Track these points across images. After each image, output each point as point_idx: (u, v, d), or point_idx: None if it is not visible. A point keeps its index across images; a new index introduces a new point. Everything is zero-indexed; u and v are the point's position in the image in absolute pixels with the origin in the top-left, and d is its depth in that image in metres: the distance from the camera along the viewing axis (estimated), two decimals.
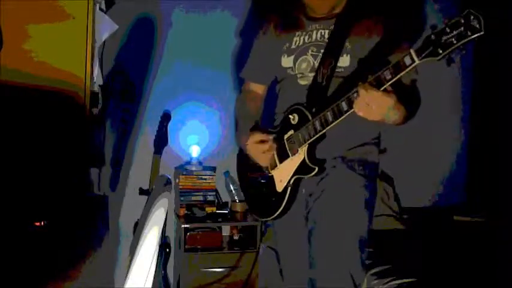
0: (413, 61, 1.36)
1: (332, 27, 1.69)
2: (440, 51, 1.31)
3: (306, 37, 1.73)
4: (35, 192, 1.91)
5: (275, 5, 1.87)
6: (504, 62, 3.13)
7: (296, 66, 1.73)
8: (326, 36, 1.69)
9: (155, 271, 0.95)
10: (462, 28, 1.27)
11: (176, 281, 2.93)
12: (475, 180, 3.45)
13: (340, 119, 1.54)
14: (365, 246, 1.64)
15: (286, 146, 1.71)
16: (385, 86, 1.42)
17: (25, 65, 1.98)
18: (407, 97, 1.53)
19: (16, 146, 1.95)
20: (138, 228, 0.99)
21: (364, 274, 2.31)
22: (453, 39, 1.28)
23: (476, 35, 1.25)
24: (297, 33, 1.75)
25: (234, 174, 3.06)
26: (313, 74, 1.69)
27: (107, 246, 2.47)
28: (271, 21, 1.84)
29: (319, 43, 1.70)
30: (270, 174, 1.79)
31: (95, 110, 2.26)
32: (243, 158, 1.87)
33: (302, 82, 1.72)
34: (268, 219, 1.84)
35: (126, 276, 0.88)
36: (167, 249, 2.82)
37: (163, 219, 1.00)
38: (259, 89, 1.95)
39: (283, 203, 1.72)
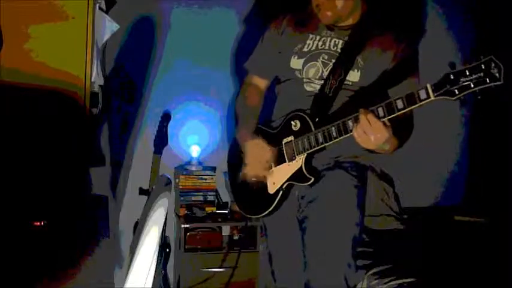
0: (428, 96, 1.36)
1: (347, 38, 1.68)
2: (457, 92, 1.31)
3: (320, 43, 1.71)
4: (34, 192, 1.91)
5: (292, 2, 1.84)
6: (504, 61, 3.13)
7: (304, 70, 1.71)
8: (339, 46, 1.68)
9: (155, 271, 0.95)
10: (482, 74, 1.28)
11: (176, 281, 2.93)
12: (475, 180, 3.45)
13: (344, 136, 1.54)
14: (357, 246, 1.63)
15: (284, 150, 1.71)
16: (391, 116, 1.43)
17: (25, 65, 1.98)
18: (403, 128, 1.56)
19: (16, 146, 1.95)
20: (138, 228, 0.98)
21: (359, 274, 2.31)
22: (471, 83, 1.29)
23: (494, 84, 1.27)
24: (310, 36, 1.72)
25: None
26: (320, 82, 1.68)
27: (107, 246, 2.47)
28: (285, 17, 1.80)
29: (331, 52, 1.68)
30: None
31: (95, 110, 2.26)
32: (236, 153, 1.85)
33: (308, 88, 1.71)
34: (254, 217, 1.83)
35: (126, 276, 0.88)
36: (167, 249, 2.82)
37: (163, 219, 1.00)
38: (261, 83, 1.91)
39: (273, 205, 1.73)
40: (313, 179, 1.65)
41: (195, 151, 3.04)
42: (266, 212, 1.75)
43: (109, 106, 2.84)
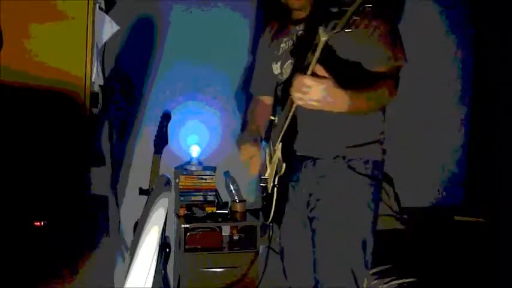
0: (320, 38, 1.34)
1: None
2: (338, 22, 1.33)
3: (290, 42, 1.75)
4: (34, 192, 1.91)
5: (273, 15, 1.91)
6: (504, 62, 3.13)
7: (283, 71, 1.75)
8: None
9: (155, 271, 0.95)
10: None
11: (176, 281, 2.93)
12: (475, 180, 3.45)
13: (292, 109, 1.53)
14: (369, 247, 1.63)
15: (271, 147, 1.74)
16: (310, 67, 1.39)
17: (25, 65, 1.98)
18: (368, 80, 1.52)
19: (16, 146, 1.95)
20: (138, 228, 0.98)
21: (368, 275, 2.32)
22: (347, 7, 1.31)
23: None
24: (284, 40, 1.77)
25: (234, 174, 3.06)
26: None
27: (107, 246, 2.47)
28: (271, 31, 1.89)
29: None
30: (265, 177, 1.81)
31: (95, 110, 2.26)
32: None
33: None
34: (269, 221, 1.84)
35: (126, 276, 0.88)
36: (167, 249, 2.82)
37: (164, 219, 1.00)
38: (267, 99, 1.98)
39: (273, 203, 1.74)
40: (284, 165, 1.65)
41: (195, 151, 3.04)
42: (272, 213, 1.76)
43: (109, 106, 2.83)
